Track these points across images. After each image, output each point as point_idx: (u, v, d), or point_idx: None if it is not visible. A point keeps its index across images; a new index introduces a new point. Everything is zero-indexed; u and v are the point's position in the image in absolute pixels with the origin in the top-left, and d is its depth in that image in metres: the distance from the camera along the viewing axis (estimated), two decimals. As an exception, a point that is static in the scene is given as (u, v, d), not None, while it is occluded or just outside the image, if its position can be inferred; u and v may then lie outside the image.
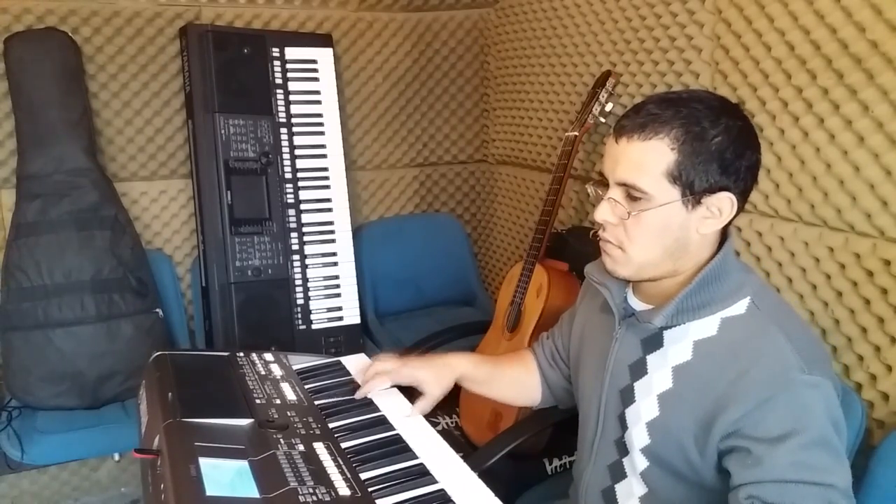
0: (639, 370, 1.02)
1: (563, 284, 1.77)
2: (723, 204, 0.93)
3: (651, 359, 1.00)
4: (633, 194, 0.94)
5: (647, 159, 0.92)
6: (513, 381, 1.32)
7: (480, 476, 1.00)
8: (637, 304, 1.06)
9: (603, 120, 1.86)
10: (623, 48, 1.88)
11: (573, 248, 1.95)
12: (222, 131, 2.11)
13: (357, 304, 2.25)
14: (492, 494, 0.96)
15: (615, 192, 0.96)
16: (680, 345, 0.97)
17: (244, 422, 1.05)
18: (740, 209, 0.95)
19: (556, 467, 1.68)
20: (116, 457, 2.20)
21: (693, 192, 0.92)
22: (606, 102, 1.84)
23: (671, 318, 0.96)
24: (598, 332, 1.13)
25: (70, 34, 2.04)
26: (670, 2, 1.70)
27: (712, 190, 0.92)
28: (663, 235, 0.94)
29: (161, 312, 2.10)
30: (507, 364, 1.34)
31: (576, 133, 1.84)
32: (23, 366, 1.94)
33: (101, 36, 2.13)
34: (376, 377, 1.22)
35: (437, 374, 1.22)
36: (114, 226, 2.04)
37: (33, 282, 1.94)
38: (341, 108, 2.33)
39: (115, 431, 1.92)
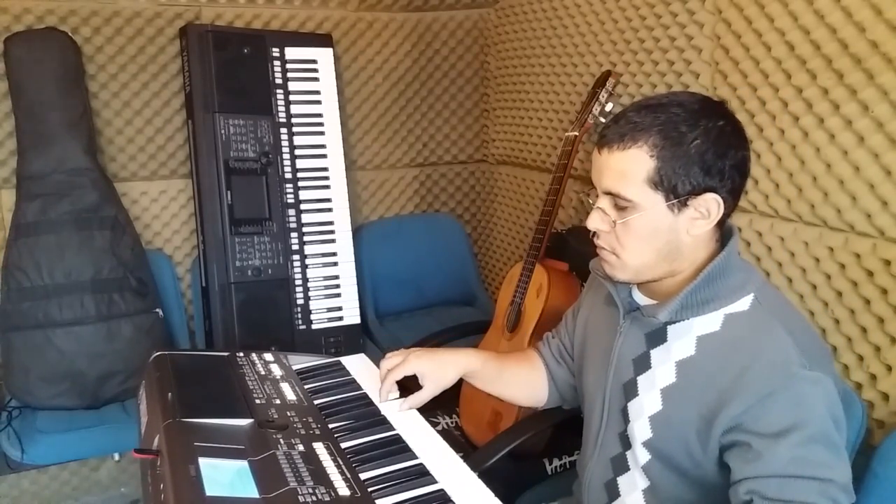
0: (642, 364, 1.03)
1: (563, 284, 1.76)
2: (709, 205, 0.94)
3: (655, 353, 1.02)
4: (619, 203, 0.96)
5: (628, 168, 0.94)
6: (521, 379, 1.32)
7: (480, 476, 1.00)
8: (641, 299, 1.07)
9: (603, 120, 1.86)
10: (623, 48, 1.88)
11: (573, 248, 1.95)
12: (222, 131, 2.11)
13: (357, 304, 2.25)
14: (491, 494, 0.96)
15: (603, 202, 0.98)
16: (684, 340, 0.98)
17: (244, 422, 1.05)
18: (733, 206, 0.97)
19: (556, 467, 1.68)
20: (116, 457, 2.20)
21: (677, 196, 0.93)
22: (606, 102, 1.84)
23: (675, 313, 0.97)
24: (603, 326, 1.14)
25: (70, 34, 2.04)
26: (670, 2, 1.70)
27: (697, 192, 0.93)
28: (653, 240, 0.96)
29: (161, 312, 2.10)
30: (515, 362, 1.33)
31: (576, 133, 1.84)
32: (23, 366, 1.94)
33: (101, 36, 2.13)
34: (388, 375, 1.21)
35: (439, 370, 1.20)
36: (114, 226, 2.04)
37: (33, 282, 1.94)
38: (341, 108, 2.33)
39: (115, 431, 1.92)
